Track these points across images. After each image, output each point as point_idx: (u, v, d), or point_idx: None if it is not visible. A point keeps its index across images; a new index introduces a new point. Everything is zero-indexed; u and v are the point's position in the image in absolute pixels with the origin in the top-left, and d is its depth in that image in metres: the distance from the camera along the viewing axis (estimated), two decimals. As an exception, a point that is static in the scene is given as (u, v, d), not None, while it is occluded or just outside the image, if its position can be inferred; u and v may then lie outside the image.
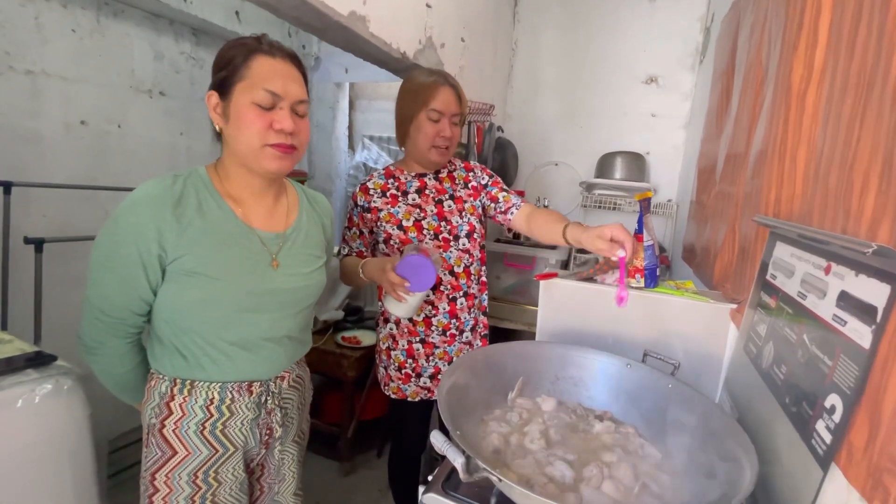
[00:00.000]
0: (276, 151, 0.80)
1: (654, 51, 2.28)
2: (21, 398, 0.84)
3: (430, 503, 0.68)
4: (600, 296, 1.07)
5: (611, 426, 0.81)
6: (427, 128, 1.18)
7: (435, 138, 1.19)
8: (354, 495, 1.99)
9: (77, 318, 0.84)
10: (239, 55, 0.79)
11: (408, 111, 1.21)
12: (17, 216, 1.60)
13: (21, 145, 1.75)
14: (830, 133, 0.64)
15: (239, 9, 2.38)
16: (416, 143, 1.22)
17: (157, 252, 0.76)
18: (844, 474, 0.48)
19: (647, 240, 1.01)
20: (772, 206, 0.85)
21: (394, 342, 1.31)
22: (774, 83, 0.92)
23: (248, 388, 0.87)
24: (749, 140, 1.05)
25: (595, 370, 0.91)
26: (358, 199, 1.26)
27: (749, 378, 0.77)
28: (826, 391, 0.52)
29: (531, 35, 2.53)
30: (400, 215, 1.24)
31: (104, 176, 1.99)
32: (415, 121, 1.20)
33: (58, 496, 0.92)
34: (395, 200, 1.25)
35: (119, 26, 2.02)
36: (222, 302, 0.81)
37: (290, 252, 0.89)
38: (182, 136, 2.30)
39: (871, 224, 0.51)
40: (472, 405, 0.81)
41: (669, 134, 2.30)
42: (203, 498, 0.84)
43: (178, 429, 0.82)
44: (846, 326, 0.51)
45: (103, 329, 0.81)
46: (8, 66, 1.69)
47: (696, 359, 0.99)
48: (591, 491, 0.64)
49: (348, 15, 1.16)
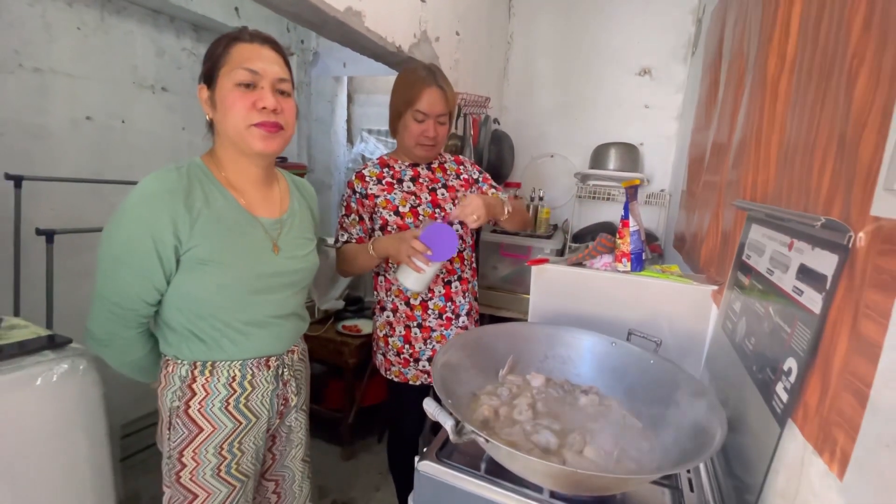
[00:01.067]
0: (261, 131, 0.83)
1: (647, 43, 2.31)
2: (40, 377, 0.89)
3: (425, 469, 0.73)
4: (589, 280, 1.12)
5: (595, 399, 0.86)
6: (413, 127, 1.23)
7: (419, 137, 1.24)
8: (356, 479, 2.05)
9: (85, 306, 0.88)
10: (221, 45, 0.83)
11: (396, 108, 1.26)
12: (27, 209, 1.65)
13: (30, 141, 1.79)
14: (797, 119, 0.68)
15: (238, 4, 2.41)
16: (403, 139, 1.28)
17: (173, 243, 0.79)
18: (801, 430, 0.52)
19: (633, 225, 1.05)
20: (749, 190, 0.89)
21: (391, 329, 1.36)
22: (753, 73, 0.96)
23: (266, 363, 0.93)
24: (731, 129, 1.09)
25: (582, 349, 0.96)
26: (355, 186, 1.29)
27: (725, 353, 0.82)
28: (785, 356, 0.57)
29: (526, 28, 2.56)
30: (396, 202, 1.28)
31: (109, 170, 2.03)
32: (402, 119, 1.25)
33: (74, 469, 0.97)
34: (391, 188, 1.29)
35: (122, 23, 2.06)
36: (236, 286, 0.86)
37: (287, 237, 0.95)
38: (184, 131, 2.35)
39: (825, 201, 0.55)
40: (465, 382, 0.85)
41: (662, 125, 2.34)
42: (228, 467, 0.89)
43: (202, 408, 0.87)
44: (802, 296, 0.55)
45: (116, 321, 0.84)
46: (17, 64, 1.73)
47: (681, 338, 1.04)
48: (573, 455, 0.69)
49: (344, 10, 1.20)
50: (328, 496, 1.92)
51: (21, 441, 0.89)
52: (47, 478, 0.94)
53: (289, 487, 1.08)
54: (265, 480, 1.05)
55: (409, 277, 1.14)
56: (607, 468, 0.67)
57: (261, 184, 0.93)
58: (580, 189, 2.34)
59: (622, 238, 1.06)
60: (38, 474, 0.92)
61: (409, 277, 1.14)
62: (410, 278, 1.14)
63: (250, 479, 0.95)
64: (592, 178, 2.31)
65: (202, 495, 0.88)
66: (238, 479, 0.91)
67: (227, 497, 0.90)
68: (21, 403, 0.89)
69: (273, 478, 1.06)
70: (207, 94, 0.85)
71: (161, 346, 0.91)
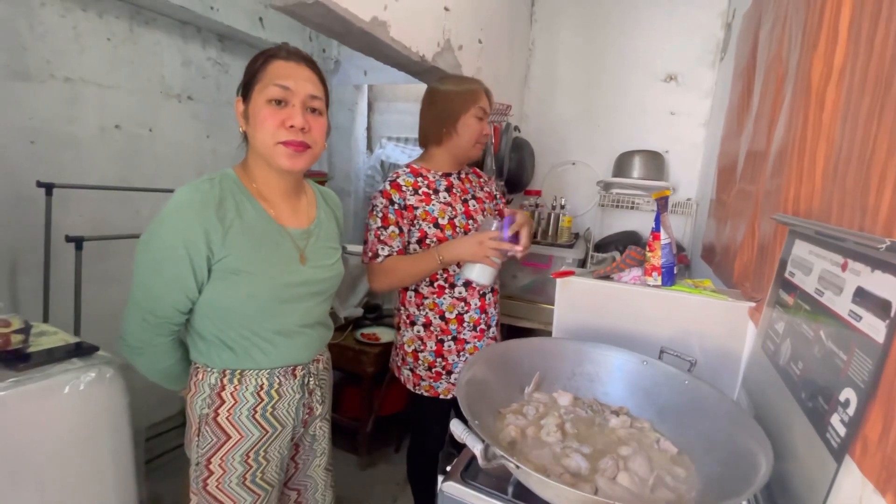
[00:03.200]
0: (287, 149, 0.84)
1: (673, 48, 2.26)
2: (68, 385, 0.90)
3: (450, 491, 0.71)
4: (618, 294, 1.08)
5: (626, 421, 0.82)
6: (475, 125, 1.28)
7: (480, 136, 1.30)
8: (373, 488, 2.03)
9: (112, 311, 0.90)
10: (258, 61, 0.86)
11: (451, 113, 1.27)
12: (56, 216, 1.69)
13: (61, 149, 1.84)
14: (849, 131, 0.65)
15: (262, 15, 2.45)
16: (462, 139, 1.29)
17: (206, 253, 0.80)
18: (859, 466, 0.49)
19: (665, 238, 1.01)
20: (791, 204, 0.85)
21: (422, 344, 1.33)
22: (795, 80, 0.91)
23: (293, 372, 0.94)
24: (769, 138, 1.05)
25: (611, 366, 0.92)
26: (393, 196, 1.24)
27: (766, 375, 0.78)
28: (841, 385, 0.53)
29: (548, 35, 2.54)
30: (436, 213, 1.27)
31: (136, 177, 2.07)
32: (462, 118, 1.27)
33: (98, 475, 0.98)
34: (429, 198, 1.27)
35: (150, 34, 2.11)
36: (265, 295, 0.86)
37: (314, 246, 0.95)
38: (208, 139, 2.38)
39: (886, 221, 0.51)
40: (490, 399, 0.83)
41: (689, 132, 2.28)
42: (254, 475, 0.90)
43: (231, 415, 0.88)
44: (861, 322, 0.51)
45: (149, 329, 0.86)
46: (49, 73, 1.79)
47: (713, 357, 0.99)
48: (606, 481, 0.66)
49: (370, 21, 1.20)
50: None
51: (49, 447, 0.90)
52: (73, 483, 0.95)
53: (311, 496, 1.08)
54: (288, 489, 1.05)
55: (485, 274, 1.22)
56: (643, 497, 0.64)
57: (289, 195, 0.94)
58: (603, 197, 2.30)
59: (653, 251, 1.03)
60: (64, 479, 0.93)
61: (484, 274, 1.22)
62: (486, 274, 1.22)
63: (274, 489, 0.95)
64: (616, 187, 2.26)
65: (227, 503, 0.88)
66: (263, 489, 0.91)
67: None
68: (49, 411, 0.90)
69: (296, 487, 1.06)
70: (243, 108, 0.87)
71: (191, 354, 0.92)
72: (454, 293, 1.30)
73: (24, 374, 0.90)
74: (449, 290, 1.30)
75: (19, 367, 0.93)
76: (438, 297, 1.30)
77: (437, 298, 1.30)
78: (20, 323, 1.04)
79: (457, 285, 1.30)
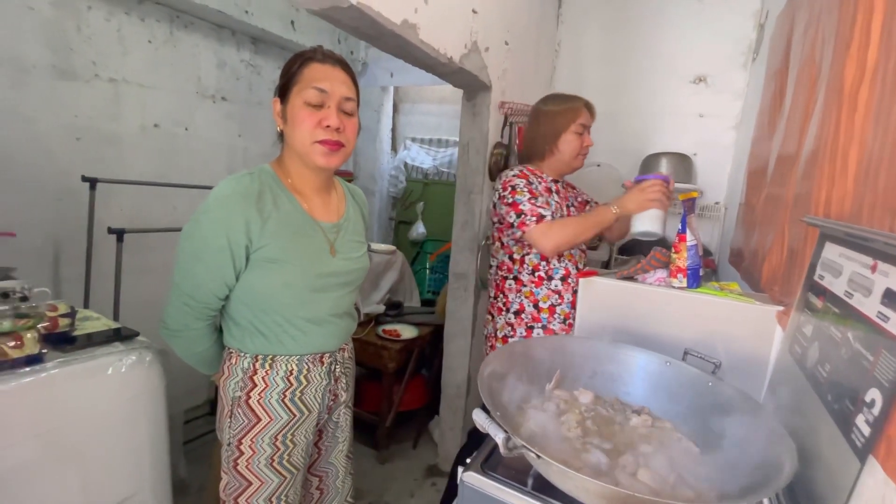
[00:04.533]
0: (323, 148, 0.89)
1: (702, 49, 2.23)
2: (111, 367, 0.96)
3: (470, 481, 0.72)
4: (641, 295, 1.08)
5: (648, 420, 0.82)
6: (574, 141, 1.39)
7: (583, 148, 1.41)
8: (391, 483, 2.06)
9: (148, 300, 0.95)
10: (296, 64, 0.90)
11: (553, 129, 1.39)
12: (98, 209, 1.78)
13: (104, 146, 1.94)
14: (881, 133, 0.64)
15: (294, 18, 2.52)
16: (564, 154, 1.40)
17: (245, 242, 0.85)
18: (882, 466, 0.48)
19: (691, 239, 1.01)
20: (822, 206, 0.84)
21: (512, 330, 1.41)
22: (827, 82, 0.90)
23: (321, 359, 0.98)
24: (801, 140, 1.03)
25: (633, 366, 0.92)
26: (529, 177, 1.35)
27: (793, 378, 0.77)
28: (867, 386, 0.52)
29: (574, 36, 2.53)
30: (553, 207, 1.37)
31: (173, 174, 2.16)
32: (564, 135, 1.39)
33: (136, 455, 1.03)
34: (549, 192, 1.40)
35: (189, 37, 2.20)
36: (299, 284, 0.91)
37: (343, 240, 0.99)
38: (240, 138, 2.47)
39: (918, 222, 0.51)
40: (510, 394, 0.84)
41: (719, 134, 2.24)
42: (281, 458, 0.94)
43: (262, 399, 0.92)
44: (889, 322, 0.51)
45: (189, 313, 0.90)
46: (94, 74, 1.88)
47: (738, 360, 0.98)
48: (627, 477, 0.66)
49: (401, 24, 1.23)
50: (363, 498, 1.94)
51: (91, 425, 0.96)
52: (112, 461, 1.00)
53: (332, 482, 1.11)
54: (310, 475, 1.09)
55: (656, 221, 1.21)
56: (665, 493, 0.64)
57: (321, 190, 0.98)
58: (627, 200, 2.28)
59: (678, 253, 1.02)
60: (103, 457, 0.99)
61: (655, 221, 1.21)
62: (657, 221, 1.21)
63: (300, 472, 0.98)
64: (641, 189, 2.24)
65: (256, 483, 0.92)
66: (289, 471, 0.95)
67: (277, 487, 0.94)
68: (93, 391, 0.96)
69: (318, 473, 1.09)
70: (280, 108, 0.92)
71: (225, 339, 0.96)
72: (550, 285, 1.38)
73: (70, 355, 0.97)
74: (547, 281, 1.38)
75: (66, 348, 0.99)
76: (537, 286, 1.38)
77: (534, 287, 1.39)
78: (66, 308, 1.10)
79: (554, 278, 1.38)
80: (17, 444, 0.85)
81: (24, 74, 1.70)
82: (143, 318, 1.36)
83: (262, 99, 2.55)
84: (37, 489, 0.88)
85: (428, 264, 3.32)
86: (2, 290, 1.10)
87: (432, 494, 2.01)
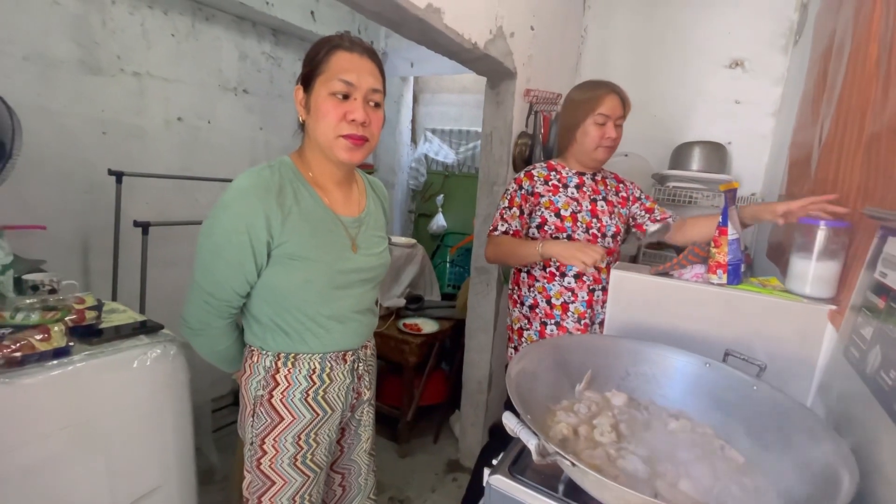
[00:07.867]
0: (347, 143, 0.85)
1: (739, 32, 2.11)
2: (136, 359, 0.96)
3: (497, 485, 0.69)
4: (677, 292, 1.02)
5: (687, 425, 0.78)
6: (594, 132, 1.32)
7: (601, 140, 1.33)
8: (412, 477, 2.06)
9: (172, 292, 0.94)
10: (322, 51, 0.85)
11: (572, 120, 1.35)
12: (124, 202, 1.80)
13: (129, 140, 1.96)
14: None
15: (314, 9, 2.49)
16: (583, 145, 1.34)
17: (266, 238, 0.82)
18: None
19: (733, 233, 0.95)
20: (879, 197, 0.77)
21: (528, 323, 1.41)
22: (888, 62, 0.82)
23: (343, 357, 0.96)
24: (861, 126, 0.95)
25: (670, 368, 0.87)
26: (523, 184, 1.36)
27: (850, 384, 0.71)
28: (949, 399, 0.47)
29: (602, 21, 2.43)
30: (559, 204, 1.35)
31: (195, 167, 2.18)
32: (581, 127, 1.33)
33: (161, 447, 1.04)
34: (557, 190, 1.37)
35: (210, 30, 2.20)
36: (320, 281, 0.88)
37: (364, 235, 0.96)
38: (261, 131, 2.47)
39: None
40: (539, 394, 0.80)
41: (756, 122, 2.12)
42: (304, 457, 0.92)
43: (284, 398, 0.90)
44: (978, 328, 0.45)
45: (210, 311, 0.88)
46: (119, 68, 1.90)
47: (782, 363, 0.92)
48: (667, 487, 0.62)
49: (425, 7, 1.19)
50: (385, 492, 1.94)
51: (117, 417, 0.96)
52: (138, 452, 1.01)
53: (354, 480, 1.10)
54: (333, 472, 1.07)
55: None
56: (708, 507, 0.60)
57: (342, 184, 0.95)
58: (658, 191, 2.19)
59: (718, 247, 0.96)
60: (129, 449, 0.99)
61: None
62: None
63: (323, 471, 0.97)
64: (672, 180, 2.15)
65: (279, 482, 0.91)
66: (312, 470, 0.94)
67: (301, 486, 0.92)
68: (119, 383, 0.96)
69: (340, 470, 1.08)
70: (303, 97, 0.88)
71: (247, 337, 0.95)
72: (563, 282, 1.37)
73: (96, 347, 0.97)
74: (559, 278, 1.37)
75: (93, 341, 1.00)
76: (549, 282, 1.38)
77: (546, 283, 1.38)
78: (93, 300, 1.11)
79: (567, 275, 1.37)
80: (45, 436, 0.85)
81: (53, 69, 1.72)
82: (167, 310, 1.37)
83: (282, 91, 2.54)
84: (65, 481, 0.89)
85: (448, 258, 3.28)
86: (31, 282, 1.12)
87: (453, 490, 2.00)
